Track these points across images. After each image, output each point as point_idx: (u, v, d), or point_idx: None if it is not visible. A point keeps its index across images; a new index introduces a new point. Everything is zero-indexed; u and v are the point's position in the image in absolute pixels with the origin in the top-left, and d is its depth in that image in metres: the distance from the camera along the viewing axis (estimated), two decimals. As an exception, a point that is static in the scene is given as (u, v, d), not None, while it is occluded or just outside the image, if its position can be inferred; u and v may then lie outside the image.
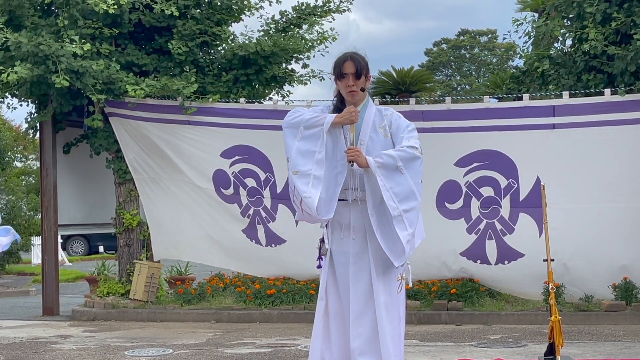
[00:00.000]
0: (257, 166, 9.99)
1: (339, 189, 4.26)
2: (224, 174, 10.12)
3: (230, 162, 10.09)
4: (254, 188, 10.00)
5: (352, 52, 4.40)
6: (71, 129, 11.17)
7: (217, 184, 10.15)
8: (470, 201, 9.17)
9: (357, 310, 4.26)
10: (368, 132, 4.33)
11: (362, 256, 4.30)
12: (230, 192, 10.12)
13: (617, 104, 8.77)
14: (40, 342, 8.39)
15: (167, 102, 10.14)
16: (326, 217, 4.24)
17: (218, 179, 10.15)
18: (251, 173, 10.03)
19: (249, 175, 10.03)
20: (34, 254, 20.74)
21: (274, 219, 9.98)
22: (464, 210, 9.24)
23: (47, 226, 10.84)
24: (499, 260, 9.22)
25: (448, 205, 9.19)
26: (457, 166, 9.13)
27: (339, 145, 4.29)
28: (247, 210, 10.09)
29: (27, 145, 26.89)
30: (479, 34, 44.55)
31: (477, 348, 7.39)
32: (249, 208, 10.07)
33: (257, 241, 10.13)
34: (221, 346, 7.85)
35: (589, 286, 9.03)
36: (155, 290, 10.46)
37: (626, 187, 8.80)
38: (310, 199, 4.14)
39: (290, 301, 9.91)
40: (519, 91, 10.23)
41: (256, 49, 10.29)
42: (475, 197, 9.13)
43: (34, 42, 9.38)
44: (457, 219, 9.27)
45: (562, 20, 10.04)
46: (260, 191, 9.99)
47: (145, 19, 10.34)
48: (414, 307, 9.39)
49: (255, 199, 10.02)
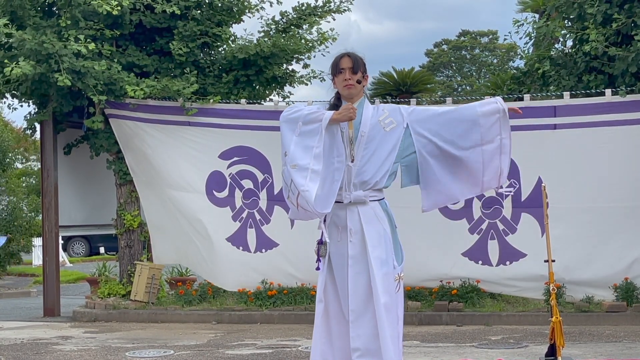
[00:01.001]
0: (255, 167, 10.01)
1: (336, 185, 4.25)
2: (220, 175, 10.13)
3: (228, 164, 10.11)
4: (251, 190, 10.02)
5: (348, 50, 4.43)
6: (72, 129, 11.17)
7: (210, 187, 10.15)
8: (472, 201, 9.17)
9: (357, 312, 4.26)
10: (367, 128, 4.33)
11: (360, 258, 4.29)
12: (225, 195, 10.12)
13: (618, 105, 8.77)
14: (41, 343, 8.40)
15: (168, 103, 10.15)
16: (324, 211, 4.21)
17: (212, 182, 10.15)
18: (249, 174, 10.05)
19: (247, 177, 10.05)
20: (35, 255, 20.75)
21: (269, 221, 9.98)
22: (465, 211, 9.25)
23: (48, 227, 10.85)
24: (500, 262, 9.22)
25: (449, 206, 9.19)
26: None
27: (336, 142, 4.28)
28: (240, 213, 10.08)
29: (28, 146, 26.89)
30: (480, 34, 44.55)
31: (478, 349, 7.39)
32: (243, 211, 10.07)
33: (244, 247, 10.08)
34: (222, 347, 7.86)
35: (590, 286, 9.03)
36: (156, 291, 10.46)
37: (628, 187, 8.80)
38: (307, 193, 4.13)
39: (291, 302, 9.91)
40: (520, 92, 10.23)
41: (256, 50, 10.30)
42: (476, 198, 9.12)
43: (38, 39, 9.39)
44: (459, 219, 9.28)
45: (563, 21, 10.04)
46: (256, 193, 10.00)
47: (146, 20, 10.36)
48: (414, 308, 9.39)
49: (250, 201, 10.02)
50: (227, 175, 10.11)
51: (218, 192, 10.14)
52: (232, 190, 10.10)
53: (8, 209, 17.67)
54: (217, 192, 10.14)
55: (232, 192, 10.09)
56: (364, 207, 4.30)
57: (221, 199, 10.14)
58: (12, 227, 17.32)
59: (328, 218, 4.38)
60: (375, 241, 4.28)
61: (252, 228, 10.04)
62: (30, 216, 17.90)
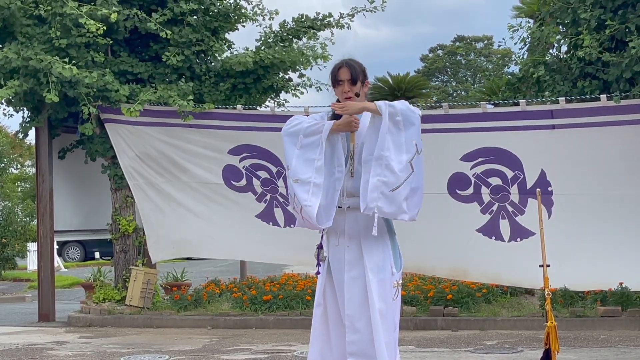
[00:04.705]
0: (267, 161, 10.01)
1: (337, 195, 4.26)
2: (235, 168, 10.15)
3: (240, 158, 10.11)
4: (268, 179, 10.03)
5: (347, 58, 4.40)
6: (67, 134, 11.15)
7: (227, 177, 10.17)
8: (480, 189, 9.22)
9: (353, 317, 4.26)
10: (362, 137, 4.32)
11: (357, 263, 4.29)
12: (243, 184, 10.15)
13: (613, 109, 8.79)
14: (36, 348, 8.38)
15: (166, 107, 10.11)
16: (326, 225, 4.24)
17: (228, 173, 10.17)
18: (262, 167, 10.03)
19: (261, 169, 10.03)
20: (29, 260, 20.69)
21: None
22: (475, 196, 9.30)
23: (43, 232, 10.83)
24: (512, 238, 9.23)
25: (459, 192, 9.25)
26: (463, 161, 9.18)
27: (337, 151, 4.28)
28: (263, 196, 10.10)
29: (24, 152, 26.85)
30: (475, 40, 44.67)
31: (473, 354, 7.40)
32: (265, 195, 10.08)
33: (274, 223, 10.10)
34: (217, 352, 7.85)
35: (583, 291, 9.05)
36: (151, 296, 10.45)
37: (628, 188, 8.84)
38: (310, 208, 4.15)
39: (287, 307, 9.91)
40: (515, 98, 10.25)
41: (255, 60, 10.29)
42: (484, 186, 9.19)
43: (24, 55, 9.40)
44: (470, 202, 9.34)
45: (557, 27, 10.06)
46: (274, 181, 10.01)
47: (141, 26, 10.32)
48: (410, 313, 9.39)
49: (270, 188, 10.01)
50: (241, 168, 10.13)
51: (236, 182, 10.17)
52: (249, 180, 10.11)
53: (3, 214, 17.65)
54: (235, 182, 10.17)
55: (250, 181, 10.10)
56: (362, 213, 4.30)
57: (241, 187, 10.17)
58: (7, 232, 17.31)
59: None
60: (372, 247, 4.28)
61: (278, 207, 10.03)
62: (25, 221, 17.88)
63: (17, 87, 9.45)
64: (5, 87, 9.44)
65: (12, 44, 9.73)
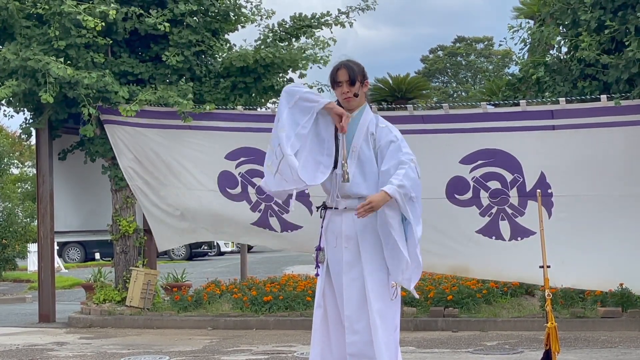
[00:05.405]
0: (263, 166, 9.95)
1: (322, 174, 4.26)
2: (230, 174, 10.11)
3: (236, 164, 10.07)
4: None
5: (345, 60, 4.42)
6: (67, 135, 11.15)
7: (223, 185, 10.14)
8: (479, 193, 9.21)
9: (352, 318, 4.27)
10: (361, 140, 4.33)
11: (355, 264, 4.29)
12: (238, 192, 10.11)
13: (613, 109, 8.79)
14: (37, 349, 8.38)
15: (165, 108, 10.11)
16: (304, 179, 4.17)
17: (224, 180, 10.13)
18: (258, 173, 9.94)
19: (257, 175, 9.96)
20: (30, 261, 20.68)
21: (288, 211, 9.87)
22: (474, 200, 9.28)
23: (43, 233, 10.83)
24: (512, 237, 9.21)
25: (458, 197, 9.24)
26: (462, 163, 9.17)
27: (327, 135, 4.29)
28: (258, 205, 10.05)
29: (24, 152, 26.85)
30: (475, 41, 44.69)
31: (473, 355, 7.40)
32: (260, 204, 10.04)
33: (270, 229, 10.10)
34: (218, 353, 7.85)
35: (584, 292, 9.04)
36: (152, 297, 10.45)
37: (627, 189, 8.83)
38: (291, 157, 4.14)
39: (287, 308, 9.91)
40: (515, 99, 10.24)
41: (256, 58, 10.29)
42: (483, 190, 9.18)
43: (22, 55, 9.41)
44: (469, 206, 9.32)
45: (558, 27, 10.05)
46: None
47: (141, 27, 10.32)
48: (410, 314, 9.39)
49: (264, 196, 9.92)
50: (237, 175, 10.09)
51: (231, 189, 10.14)
52: (244, 188, 10.06)
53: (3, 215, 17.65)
54: (230, 189, 10.14)
55: (245, 188, 10.06)
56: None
57: (236, 195, 10.13)
58: (8, 233, 17.30)
59: (325, 224, 4.40)
60: (370, 248, 4.28)
61: (273, 217, 10.02)
62: (26, 222, 17.88)
63: (15, 86, 9.47)
64: (3, 86, 9.46)
65: (11, 45, 9.74)
